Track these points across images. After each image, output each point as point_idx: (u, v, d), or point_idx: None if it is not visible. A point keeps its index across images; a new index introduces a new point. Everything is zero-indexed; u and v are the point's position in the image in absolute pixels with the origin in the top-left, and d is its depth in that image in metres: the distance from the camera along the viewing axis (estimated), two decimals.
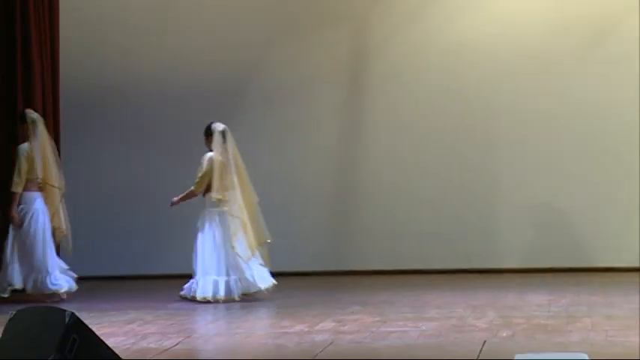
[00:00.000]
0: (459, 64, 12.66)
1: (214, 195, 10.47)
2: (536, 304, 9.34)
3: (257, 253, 10.49)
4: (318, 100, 12.95)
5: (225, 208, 10.48)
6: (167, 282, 11.62)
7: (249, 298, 10.26)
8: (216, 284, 10.29)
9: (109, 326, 8.38)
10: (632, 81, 12.34)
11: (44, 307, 5.97)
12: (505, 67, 12.59)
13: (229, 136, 10.65)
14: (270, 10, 12.99)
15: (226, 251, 10.38)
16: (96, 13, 13.11)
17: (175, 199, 10.67)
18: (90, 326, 5.79)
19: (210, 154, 10.60)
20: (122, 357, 6.04)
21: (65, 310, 5.60)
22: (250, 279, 10.33)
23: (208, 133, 10.66)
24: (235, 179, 10.54)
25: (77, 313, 5.66)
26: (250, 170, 12.52)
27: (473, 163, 12.66)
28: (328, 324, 8.25)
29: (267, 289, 10.34)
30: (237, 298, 10.25)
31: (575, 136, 12.50)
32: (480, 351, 6.74)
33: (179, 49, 13.06)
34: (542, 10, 12.59)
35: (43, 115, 11.35)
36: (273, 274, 10.47)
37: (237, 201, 10.49)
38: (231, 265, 10.37)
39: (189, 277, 10.57)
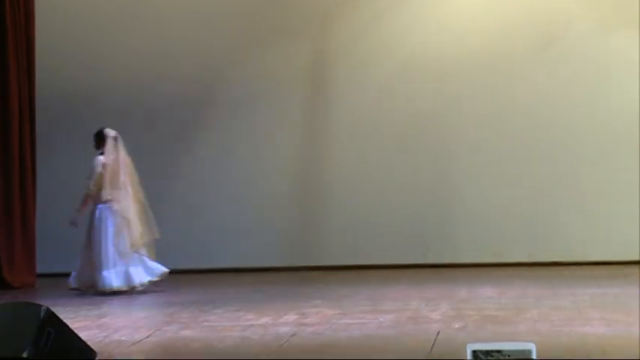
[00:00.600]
0: (418, 70, 12.69)
1: (104, 194, 10.55)
2: (486, 296, 9.32)
3: (144, 249, 10.58)
4: (282, 106, 12.93)
5: (116, 207, 10.54)
6: None
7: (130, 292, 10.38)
8: (126, 274, 10.39)
9: (84, 320, 8.27)
10: (583, 82, 12.39)
11: (20, 302, 5.88)
12: (463, 73, 12.64)
13: (120, 141, 10.72)
14: (235, 21, 12.93)
15: (114, 245, 10.45)
16: (68, 20, 12.98)
17: (77, 212, 10.60)
18: (65, 320, 5.70)
19: (101, 157, 10.69)
20: (95, 349, 5.95)
21: (41, 305, 5.51)
22: (129, 274, 10.42)
23: (100, 137, 10.71)
24: (125, 180, 10.63)
25: (52, 308, 5.56)
26: (221, 173, 12.44)
27: (430, 163, 12.66)
28: (291, 316, 8.18)
29: (142, 285, 10.44)
30: (139, 287, 10.39)
31: (526, 136, 12.54)
32: (434, 341, 6.70)
33: (150, 59, 12.99)
34: (499, 16, 12.59)
35: (19, 120, 11.19)
36: (243, 270, 10.43)
37: (125, 200, 10.58)
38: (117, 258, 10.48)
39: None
